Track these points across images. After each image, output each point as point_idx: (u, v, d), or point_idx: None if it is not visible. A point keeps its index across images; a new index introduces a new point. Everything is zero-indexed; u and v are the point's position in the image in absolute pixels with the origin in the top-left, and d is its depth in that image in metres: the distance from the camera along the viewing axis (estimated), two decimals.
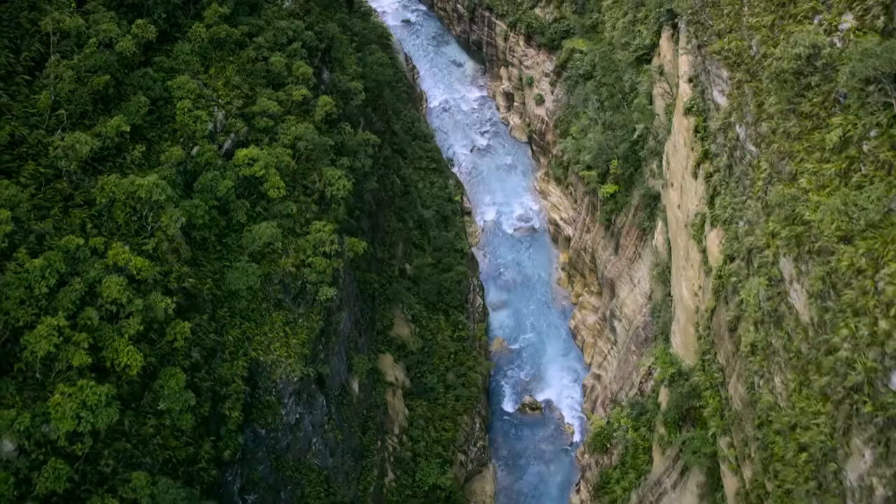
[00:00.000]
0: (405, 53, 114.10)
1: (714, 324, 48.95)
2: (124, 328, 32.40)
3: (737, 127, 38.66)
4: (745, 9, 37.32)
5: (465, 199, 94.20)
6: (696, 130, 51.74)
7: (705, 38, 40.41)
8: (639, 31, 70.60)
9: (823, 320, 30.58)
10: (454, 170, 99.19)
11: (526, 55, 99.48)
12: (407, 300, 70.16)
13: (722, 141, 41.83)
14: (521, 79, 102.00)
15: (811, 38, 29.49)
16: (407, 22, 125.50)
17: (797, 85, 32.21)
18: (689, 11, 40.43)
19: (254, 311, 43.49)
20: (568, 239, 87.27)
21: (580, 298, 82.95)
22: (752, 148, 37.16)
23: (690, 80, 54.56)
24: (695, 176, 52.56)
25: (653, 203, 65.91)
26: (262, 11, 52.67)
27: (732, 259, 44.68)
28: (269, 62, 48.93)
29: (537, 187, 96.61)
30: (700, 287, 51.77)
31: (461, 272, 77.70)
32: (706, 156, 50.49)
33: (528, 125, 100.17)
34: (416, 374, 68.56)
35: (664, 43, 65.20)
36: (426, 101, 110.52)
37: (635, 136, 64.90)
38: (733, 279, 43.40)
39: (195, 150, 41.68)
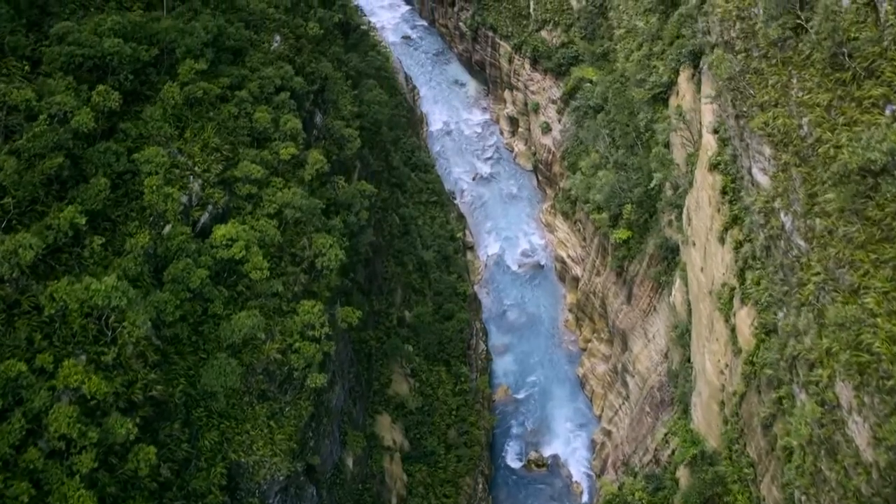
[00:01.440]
0: (405, 73, 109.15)
1: (744, 412, 44.38)
2: (76, 465, 27.77)
3: (781, 214, 33.96)
4: (795, 81, 32.56)
5: (467, 232, 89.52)
6: (724, 191, 47.14)
7: (745, 109, 35.68)
8: (655, 66, 65.73)
9: (894, 470, 26.07)
10: (456, 200, 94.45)
11: (531, 79, 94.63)
12: (406, 354, 65.57)
13: (760, 220, 37.13)
14: (526, 104, 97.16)
15: (889, 141, 24.79)
16: (407, 38, 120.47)
17: (863, 184, 27.61)
18: (726, 77, 35.69)
19: (234, 406, 38.84)
20: (576, 279, 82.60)
21: (589, 345, 78.33)
22: (801, 243, 32.48)
23: (716, 132, 49.95)
24: (721, 241, 47.91)
25: (670, 256, 61.24)
26: (247, 58, 47.77)
27: (767, 347, 40.28)
28: (252, 118, 44.11)
29: (543, 220, 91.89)
30: (727, 365, 47.16)
31: (463, 319, 73.07)
32: (735, 221, 45.86)
33: (534, 154, 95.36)
34: (415, 434, 63.98)
35: (683, 83, 60.46)
36: (427, 124, 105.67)
37: (652, 185, 60.19)
38: (768, 371, 38.87)
39: (167, 229, 36.95)
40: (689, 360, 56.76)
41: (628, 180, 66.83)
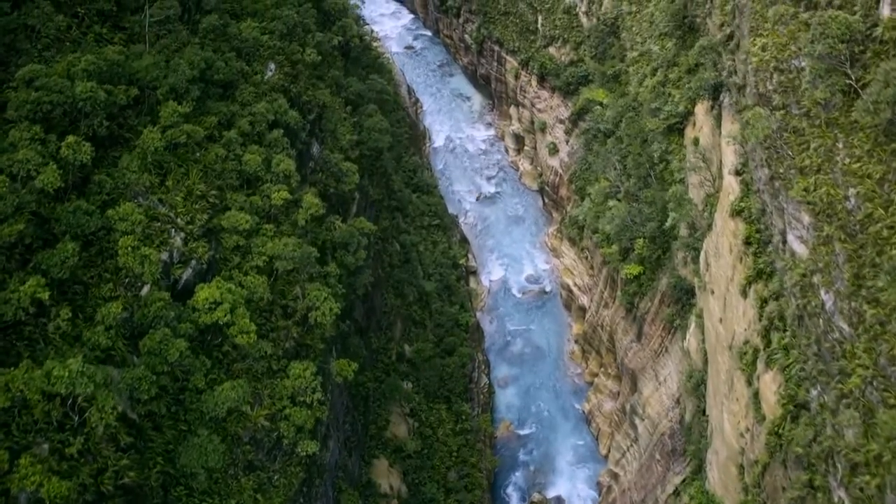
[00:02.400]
0: (408, 85, 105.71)
1: (767, 484, 41.11)
2: None
3: (822, 292, 30.70)
4: (841, 146, 29.30)
5: (470, 256, 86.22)
6: (748, 241, 43.86)
7: (781, 171, 32.40)
8: (670, 94, 62.40)
9: None
10: (459, 220, 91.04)
11: (538, 97, 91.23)
12: (405, 395, 62.39)
13: (795, 292, 33.87)
14: (532, 122, 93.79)
15: None
16: (410, 49, 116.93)
17: None
18: (763, 136, 32.39)
19: (217, 482, 35.65)
20: (582, 308, 79.35)
21: (595, 379, 75.16)
22: (845, 327, 29.26)
23: (738, 174, 46.72)
24: (743, 294, 44.60)
25: (685, 298, 57.94)
26: (238, 92, 44.42)
27: (795, 419, 37.13)
28: (242, 161, 40.79)
29: (549, 244, 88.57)
30: (748, 429, 43.86)
31: (465, 354, 69.90)
32: (760, 275, 42.57)
33: (540, 175, 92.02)
34: (414, 479, 60.83)
35: (700, 114, 57.16)
36: (430, 139, 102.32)
37: (668, 225, 56.87)
38: (798, 450, 35.68)
39: (144, 290, 33.72)
40: (703, 413, 53.57)
41: (640, 213, 63.51)
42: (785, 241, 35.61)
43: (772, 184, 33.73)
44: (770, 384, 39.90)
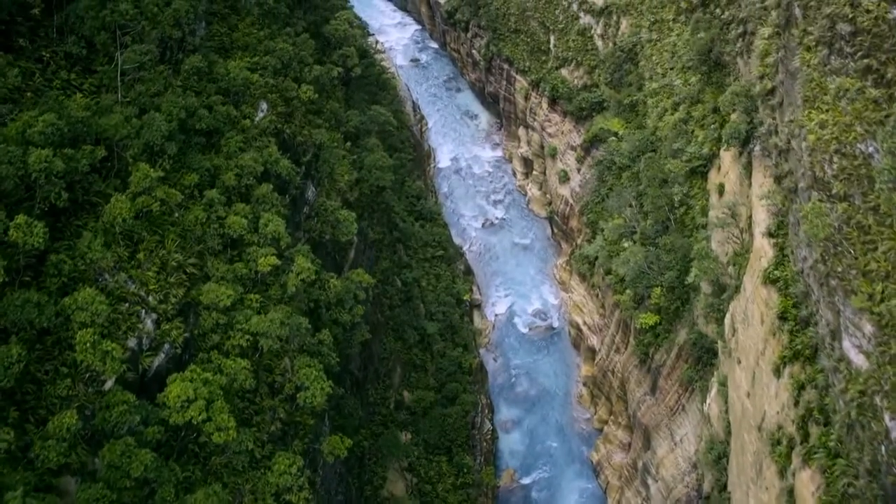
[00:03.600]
0: (413, 102, 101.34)
1: None
2: None
3: (886, 417, 26.55)
4: None
5: (474, 288, 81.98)
6: (783, 316, 39.65)
7: (839, 269, 28.15)
8: (694, 133, 58.12)
9: None
10: (464, 248, 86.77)
11: (549, 120, 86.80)
12: (403, 450, 58.32)
13: (851, 406, 29.70)
14: (542, 146, 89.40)
15: None
16: (416, 62, 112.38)
17: None
18: (823, 235, 28.12)
19: None
20: (592, 349, 75.16)
21: (605, 427, 71.05)
22: None
23: (772, 236, 42.60)
24: (776, 373, 40.40)
25: (706, 357, 53.79)
26: (223, 140, 40.12)
27: None
28: (225, 224, 36.60)
29: (557, 276, 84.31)
30: None
31: (468, 401, 65.79)
32: (796, 357, 38.40)
33: (549, 203, 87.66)
34: None
35: (727, 159, 52.92)
36: (434, 159, 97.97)
37: (690, 282, 52.61)
38: None
39: (107, 384, 29.65)
40: (725, 488, 49.51)
41: (658, 261, 59.25)
42: (835, 340, 31.39)
43: (827, 281, 29.50)
44: (808, 483, 35.72)
